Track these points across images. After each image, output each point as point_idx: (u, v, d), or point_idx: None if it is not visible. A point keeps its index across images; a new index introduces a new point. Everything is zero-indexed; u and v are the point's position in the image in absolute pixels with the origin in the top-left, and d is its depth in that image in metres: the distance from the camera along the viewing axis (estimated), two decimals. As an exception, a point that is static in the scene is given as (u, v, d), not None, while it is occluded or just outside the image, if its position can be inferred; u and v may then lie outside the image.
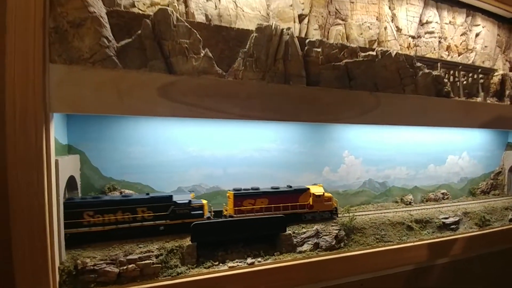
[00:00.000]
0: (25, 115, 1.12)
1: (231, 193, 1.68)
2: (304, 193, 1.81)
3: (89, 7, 1.20)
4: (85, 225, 1.38)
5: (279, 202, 1.73)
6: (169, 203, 1.51)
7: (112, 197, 1.49)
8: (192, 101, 1.33)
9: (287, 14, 1.80)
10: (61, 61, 1.17)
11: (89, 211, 1.39)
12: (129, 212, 1.44)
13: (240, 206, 1.67)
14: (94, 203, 1.40)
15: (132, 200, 1.46)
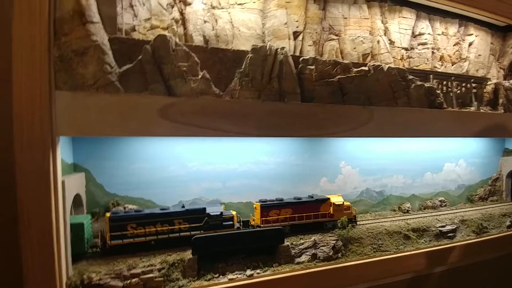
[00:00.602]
0: (33, 139, 1.19)
1: (258, 205, 1.80)
2: (324, 202, 1.94)
3: (92, 36, 1.27)
4: (129, 236, 1.50)
5: (302, 211, 1.86)
6: (203, 215, 1.65)
7: (152, 210, 1.61)
8: (191, 121, 1.40)
9: (282, 32, 1.87)
10: (66, 88, 1.24)
11: (132, 224, 1.51)
12: (167, 224, 1.58)
13: (266, 217, 1.79)
14: (136, 216, 1.53)
15: (170, 213, 1.60)
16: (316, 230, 1.86)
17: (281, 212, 1.82)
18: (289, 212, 1.84)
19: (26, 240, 1.19)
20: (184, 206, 1.68)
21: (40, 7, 1.19)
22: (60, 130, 1.23)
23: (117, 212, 1.54)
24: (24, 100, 1.18)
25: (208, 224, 1.65)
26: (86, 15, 1.26)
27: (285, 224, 1.81)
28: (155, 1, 1.61)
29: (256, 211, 1.81)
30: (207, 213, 1.65)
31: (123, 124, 1.30)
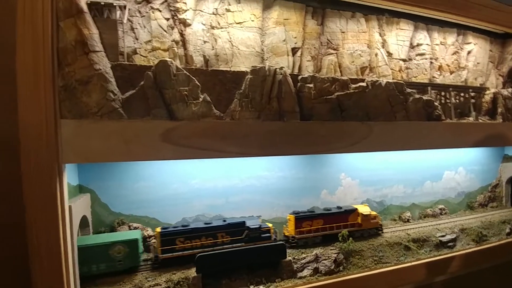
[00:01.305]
0: (40, 168, 1.22)
1: (292, 217, 1.90)
2: (353, 213, 2.04)
3: (95, 64, 1.30)
4: (177, 250, 1.60)
5: (332, 222, 1.96)
6: (243, 228, 1.74)
7: (197, 224, 1.70)
8: (193, 143, 1.43)
9: (281, 48, 1.89)
10: (71, 116, 1.27)
11: (180, 238, 1.61)
12: (211, 237, 1.67)
13: (300, 228, 1.89)
14: (183, 231, 1.63)
15: (213, 227, 1.69)
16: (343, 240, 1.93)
17: (313, 223, 1.93)
18: (320, 222, 1.94)
19: (36, 265, 1.23)
20: (226, 220, 1.77)
21: (43, 38, 1.22)
22: (66, 158, 1.26)
23: (167, 228, 1.64)
24: (31, 130, 1.21)
25: (248, 237, 1.73)
26: (89, 44, 1.29)
27: (317, 234, 1.92)
28: (155, 24, 1.64)
29: (290, 223, 1.92)
30: (247, 226, 1.74)
31: (127, 150, 1.33)
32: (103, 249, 1.48)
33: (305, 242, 1.90)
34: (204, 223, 1.71)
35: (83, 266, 1.43)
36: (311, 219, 1.93)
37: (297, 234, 1.88)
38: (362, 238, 2.02)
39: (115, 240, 1.51)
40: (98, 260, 1.47)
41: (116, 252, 1.50)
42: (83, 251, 1.43)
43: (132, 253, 1.53)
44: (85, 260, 1.43)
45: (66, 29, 1.25)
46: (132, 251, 1.53)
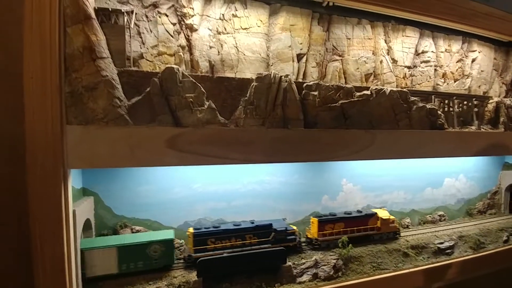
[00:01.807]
0: (45, 173, 1.23)
1: (315, 220, 1.96)
2: (372, 217, 2.10)
3: (102, 71, 1.30)
4: (209, 250, 1.67)
5: (352, 225, 2.03)
6: (270, 230, 1.80)
7: (227, 226, 1.77)
8: (198, 150, 1.44)
9: (286, 54, 1.89)
10: (77, 122, 1.28)
11: (211, 239, 1.68)
12: (240, 239, 1.74)
13: (323, 230, 1.95)
14: (214, 232, 1.70)
15: (242, 228, 1.76)
16: (365, 242, 2.05)
17: (335, 226, 1.99)
18: (342, 226, 2.00)
19: (39, 268, 1.25)
20: (254, 222, 1.83)
21: (51, 44, 1.22)
22: (72, 164, 1.27)
23: (199, 228, 1.70)
24: (37, 135, 1.22)
25: (275, 239, 1.79)
26: (96, 51, 1.29)
27: (339, 237, 1.96)
28: (162, 28, 1.64)
29: (313, 225, 1.98)
30: (273, 228, 1.80)
31: (132, 156, 1.34)
32: (141, 248, 1.55)
33: (327, 245, 1.96)
34: (233, 225, 1.78)
35: (123, 264, 1.51)
36: (333, 222, 1.99)
37: (320, 237, 1.94)
38: (381, 241, 2.10)
39: (152, 240, 1.58)
40: (137, 258, 1.54)
41: (153, 251, 1.57)
42: (123, 250, 1.51)
43: (167, 252, 1.60)
44: (124, 258, 1.51)
45: (73, 35, 1.25)
46: (168, 250, 1.60)
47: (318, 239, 1.94)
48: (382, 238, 2.11)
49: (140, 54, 1.60)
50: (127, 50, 1.49)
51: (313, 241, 1.96)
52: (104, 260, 1.49)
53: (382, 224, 2.10)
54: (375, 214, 2.11)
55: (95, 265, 1.47)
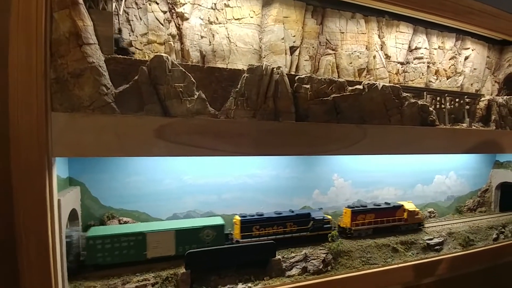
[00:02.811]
0: (30, 161, 1.20)
1: (348, 210, 2.07)
2: (400, 209, 2.22)
3: (88, 57, 1.28)
4: (254, 236, 1.79)
5: (382, 216, 2.14)
6: (309, 218, 1.93)
7: (270, 214, 1.88)
8: (187, 141, 1.42)
9: (279, 47, 1.87)
10: (62, 109, 1.25)
11: (256, 225, 1.80)
12: (282, 226, 1.86)
13: (355, 220, 2.07)
14: (259, 219, 1.82)
15: (284, 217, 1.88)
16: (391, 232, 2.16)
17: (366, 216, 2.10)
18: (372, 216, 2.12)
19: (23, 258, 1.22)
20: (293, 211, 1.95)
21: (37, 29, 1.19)
22: (56, 152, 1.24)
23: (245, 216, 1.82)
24: (21, 122, 1.19)
25: (313, 227, 1.92)
26: (83, 37, 1.26)
27: (370, 227, 2.10)
28: (152, 16, 1.61)
29: (345, 216, 2.09)
30: (312, 217, 1.93)
31: (119, 145, 1.31)
32: (196, 232, 1.66)
33: (359, 234, 2.08)
34: (274, 213, 1.89)
35: (179, 246, 1.62)
36: (364, 213, 2.10)
37: (353, 226, 2.06)
38: (407, 232, 2.20)
39: (205, 225, 1.68)
40: (191, 241, 1.65)
41: (205, 235, 1.68)
42: (180, 234, 1.62)
43: (218, 236, 1.70)
44: (181, 241, 1.62)
45: (60, 21, 1.22)
46: (218, 235, 1.70)
47: (351, 228, 2.05)
48: (407, 229, 2.22)
49: (129, 42, 1.57)
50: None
51: (347, 230, 2.07)
52: (163, 242, 1.59)
53: (409, 216, 2.21)
54: (402, 206, 2.23)
55: (156, 246, 1.58)
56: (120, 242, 1.52)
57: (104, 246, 1.50)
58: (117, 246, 1.52)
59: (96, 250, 1.49)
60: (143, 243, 1.55)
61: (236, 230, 1.81)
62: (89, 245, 1.49)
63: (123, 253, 1.53)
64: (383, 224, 2.14)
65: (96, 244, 1.49)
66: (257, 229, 1.80)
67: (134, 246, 1.54)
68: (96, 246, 1.49)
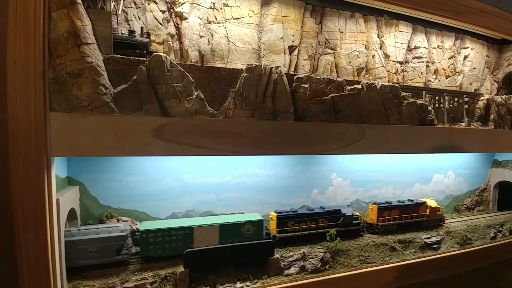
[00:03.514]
0: (28, 161, 1.20)
1: (375, 207, 2.16)
2: (422, 205, 2.31)
3: (87, 57, 1.27)
4: (289, 231, 1.90)
5: (406, 213, 2.24)
6: (339, 215, 2.02)
7: (303, 210, 2.00)
8: (185, 140, 1.42)
9: (278, 46, 1.87)
10: (61, 109, 1.25)
11: (291, 221, 1.91)
12: (314, 222, 1.97)
13: (381, 216, 2.16)
14: (293, 215, 1.93)
15: (316, 213, 1.99)
16: (415, 228, 2.26)
17: (391, 213, 2.19)
18: (397, 212, 2.21)
19: (22, 257, 1.23)
20: (325, 208, 2.05)
21: (35, 29, 1.19)
22: (55, 151, 1.25)
23: (281, 212, 1.92)
24: (19, 122, 1.19)
25: (343, 223, 2.01)
26: (81, 37, 1.26)
27: (395, 223, 2.19)
28: (150, 16, 1.61)
29: (372, 212, 2.18)
30: (342, 213, 2.02)
31: (118, 145, 1.32)
32: (237, 227, 1.76)
33: (385, 229, 2.16)
34: (307, 210, 2.01)
35: (222, 240, 1.72)
36: (390, 210, 2.19)
37: (379, 222, 2.15)
38: (428, 227, 2.31)
39: (246, 220, 1.78)
40: (233, 235, 1.75)
41: (246, 230, 1.78)
42: (224, 228, 1.72)
43: (257, 231, 1.80)
44: (224, 235, 1.73)
45: (58, 20, 1.22)
46: (258, 230, 1.81)
47: (378, 224, 2.14)
48: (429, 225, 2.31)
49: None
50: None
51: (373, 226, 2.17)
52: (208, 236, 1.69)
53: (431, 212, 2.31)
54: (424, 202, 2.32)
55: (202, 240, 1.67)
56: (170, 235, 1.62)
57: (156, 240, 1.59)
58: (167, 240, 1.62)
59: (149, 243, 1.58)
60: (191, 237, 1.65)
61: (272, 225, 1.91)
62: (142, 238, 1.57)
63: (172, 246, 1.63)
64: (407, 220, 2.23)
65: (148, 237, 1.58)
66: (292, 225, 1.90)
67: (182, 240, 1.64)
68: (148, 239, 1.58)
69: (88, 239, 1.48)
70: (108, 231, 1.52)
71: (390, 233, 2.16)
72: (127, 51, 1.43)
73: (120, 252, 1.54)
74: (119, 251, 1.54)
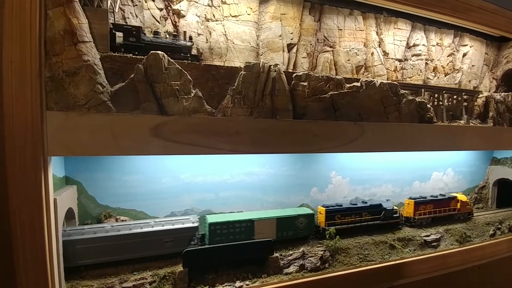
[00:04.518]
0: (25, 160, 1.19)
1: (411, 201, 2.30)
2: (454, 199, 2.46)
3: (83, 55, 1.26)
4: (336, 224, 2.02)
5: (439, 206, 2.38)
6: (381, 208, 2.16)
7: (348, 205, 2.13)
8: (184, 139, 1.41)
9: (276, 44, 1.86)
10: (57, 108, 1.24)
11: (338, 215, 2.04)
12: (358, 215, 2.10)
13: (418, 210, 2.30)
14: (340, 209, 2.06)
15: (360, 207, 2.13)
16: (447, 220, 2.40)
17: (426, 207, 2.33)
18: (431, 206, 2.35)
19: (20, 257, 1.22)
20: (367, 202, 2.20)
21: (31, 27, 1.17)
22: (52, 151, 1.24)
23: (328, 207, 2.05)
24: (16, 121, 1.18)
25: (384, 216, 2.15)
26: (78, 35, 1.25)
27: (430, 216, 2.34)
28: (148, 13, 1.59)
29: (408, 206, 2.33)
30: (383, 207, 2.16)
31: (116, 144, 1.31)
32: (292, 220, 1.90)
33: (421, 222, 2.30)
34: (350, 204, 2.16)
35: (279, 232, 1.86)
36: (425, 204, 2.33)
37: (416, 215, 2.28)
38: (458, 221, 2.46)
39: (300, 214, 1.93)
40: (288, 228, 1.89)
41: (299, 222, 1.91)
42: (280, 221, 1.86)
43: (309, 224, 1.95)
44: (280, 227, 1.86)
45: (54, 18, 1.21)
46: (309, 223, 1.95)
47: (415, 217, 2.28)
48: (460, 218, 2.46)
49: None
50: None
51: (411, 219, 2.30)
52: (267, 228, 1.82)
53: (461, 206, 2.45)
54: (455, 197, 2.46)
55: (260, 232, 1.80)
56: (234, 227, 1.75)
57: (222, 231, 1.72)
58: (231, 231, 1.74)
59: (216, 234, 1.70)
60: (252, 228, 1.78)
61: (321, 218, 2.03)
62: (210, 230, 1.69)
63: (236, 237, 1.75)
64: (440, 213, 2.37)
65: (215, 230, 1.70)
66: (339, 218, 2.03)
67: (244, 231, 1.77)
68: (216, 231, 1.70)
69: (165, 230, 1.60)
70: (181, 223, 1.65)
71: (425, 226, 2.31)
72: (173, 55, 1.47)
73: (190, 243, 1.65)
74: (190, 241, 1.66)
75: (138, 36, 1.46)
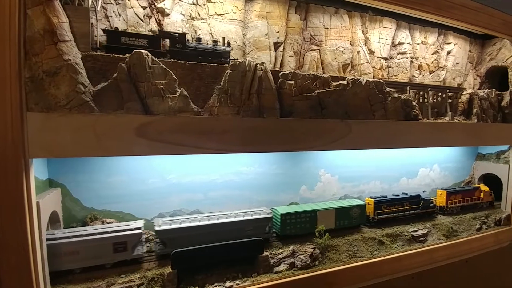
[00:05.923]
0: (5, 163, 1.17)
1: (444, 192, 2.54)
2: (477, 190, 2.72)
3: (64, 55, 1.24)
4: (383, 213, 2.23)
5: (466, 196, 2.64)
6: (420, 199, 2.39)
7: (391, 196, 2.33)
8: (169, 139, 1.39)
9: (263, 43, 1.86)
10: (38, 109, 1.21)
11: (384, 205, 2.25)
12: (400, 205, 2.31)
13: (449, 200, 2.55)
14: (385, 200, 2.26)
15: (402, 198, 2.33)
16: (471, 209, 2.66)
17: (456, 196, 2.58)
18: (460, 196, 2.60)
19: (3, 262, 1.19)
20: (407, 193, 2.39)
21: (10, 27, 1.15)
22: (33, 153, 1.21)
23: (375, 198, 2.25)
24: (-6, 122, 1.15)
25: (423, 206, 2.38)
26: (58, 34, 1.22)
27: (459, 205, 2.59)
28: (131, 12, 1.57)
29: (440, 196, 2.56)
30: (422, 198, 2.39)
31: (99, 145, 1.28)
32: (348, 210, 2.09)
33: (452, 211, 2.55)
34: (392, 195, 2.36)
35: (337, 221, 2.06)
36: (455, 194, 2.58)
37: (448, 205, 2.54)
38: (482, 209, 2.71)
39: (354, 204, 2.12)
40: (344, 217, 2.09)
41: (353, 212, 2.11)
42: (339, 211, 2.06)
43: (362, 214, 2.14)
44: (338, 217, 2.06)
45: (34, 17, 1.18)
46: (362, 213, 2.14)
47: (448, 206, 2.53)
48: (483, 206, 2.72)
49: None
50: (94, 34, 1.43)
51: (444, 208, 2.53)
52: (327, 218, 2.01)
53: (484, 195, 2.71)
54: (479, 187, 2.72)
55: (322, 222, 1.97)
56: (301, 217, 1.93)
57: (291, 221, 1.92)
58: (299, 221, 1.93)
59: (286, 224, 1.90)
60: (315, 218, 1.97)
61: (369, 209, 2.21)
62: (281, 220, 1.89)
63: (302, 227, 1.94)
64: (467, 202, 2.63)
65: (286, 219, 1.90)
66: (385, 208, 2.23)
67: (309, 221, 1.96)
68: (286, 221, 1.90)
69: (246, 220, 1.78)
70: (258, 214, 1.82)
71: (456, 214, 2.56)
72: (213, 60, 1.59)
73: (265, 231, 1.86)
74: (264, 230, 1.86)
75: (184, 43, 1.54)
